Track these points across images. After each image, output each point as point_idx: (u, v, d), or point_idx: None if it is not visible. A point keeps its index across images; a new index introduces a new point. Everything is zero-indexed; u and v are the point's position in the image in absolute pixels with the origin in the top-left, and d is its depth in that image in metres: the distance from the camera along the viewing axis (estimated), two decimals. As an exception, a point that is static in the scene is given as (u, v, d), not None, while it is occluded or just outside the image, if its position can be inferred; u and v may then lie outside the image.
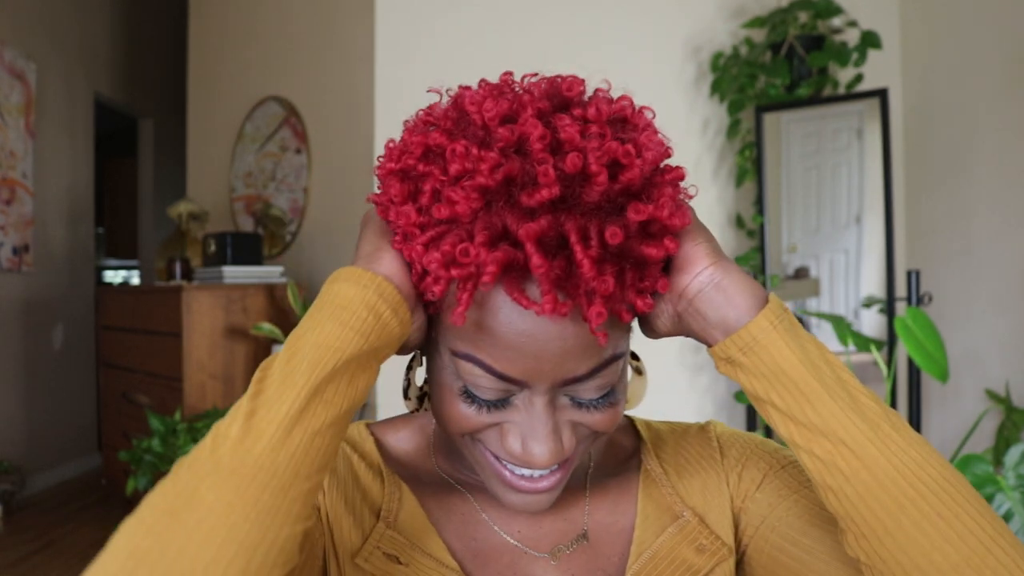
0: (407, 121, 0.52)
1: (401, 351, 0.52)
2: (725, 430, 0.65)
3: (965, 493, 0.43)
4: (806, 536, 0.53)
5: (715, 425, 0.66)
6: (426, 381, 0.57)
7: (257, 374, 0.46)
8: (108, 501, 3.54)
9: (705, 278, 0.48)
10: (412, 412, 0.59)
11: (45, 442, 3.89)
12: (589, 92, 0.50)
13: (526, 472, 0.51)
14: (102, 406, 3.77)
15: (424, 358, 0.56)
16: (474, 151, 0.44)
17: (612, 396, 0.51)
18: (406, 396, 0.58)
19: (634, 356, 0.58)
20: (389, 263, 0.48)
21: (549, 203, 0.43)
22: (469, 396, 0.49)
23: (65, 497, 3.72)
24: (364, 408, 2.54)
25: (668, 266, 0.50)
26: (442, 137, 0.46)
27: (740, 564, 0.59)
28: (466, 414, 0.50)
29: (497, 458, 0.51)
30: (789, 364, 0.46)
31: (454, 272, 0.43)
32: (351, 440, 0.62)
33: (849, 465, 0.44)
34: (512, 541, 0.58)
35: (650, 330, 0.53)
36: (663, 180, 0.47)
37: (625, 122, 0.48)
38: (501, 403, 0.49)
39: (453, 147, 0.45)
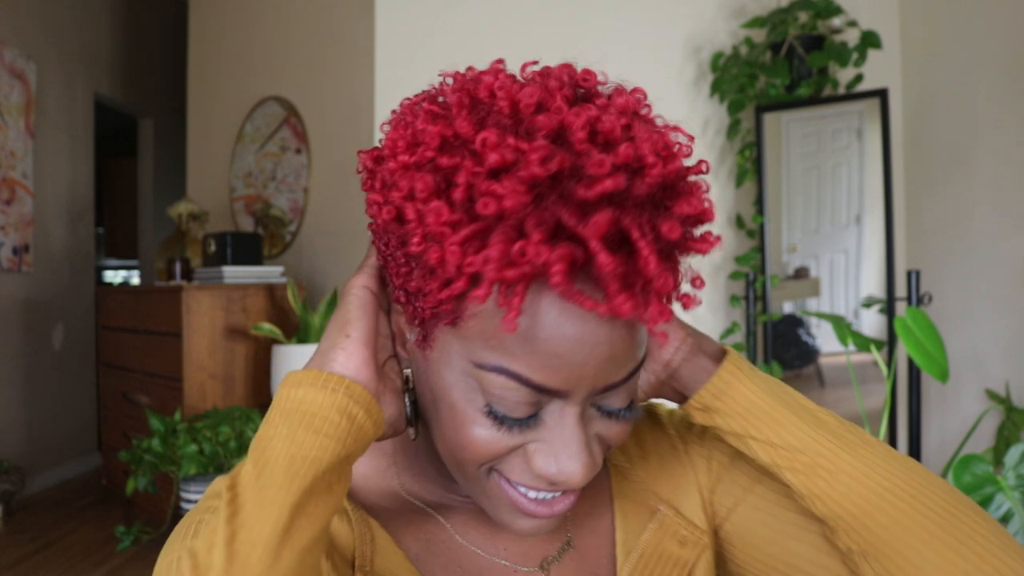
0: (395, 111, 0.48)
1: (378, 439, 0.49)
2: (677, 413, 0.64)
3: (924, 476, 0.50)
4: (782, 507, 0.56)
5: (659, 409, 0.64)
6: (414, 404, 0.52)
7: (225, 493, 0.41)
8: (108, 501, 3.54)
9: (685, 350, 0.53)
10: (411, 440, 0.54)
11: (45, 442, 3.89)
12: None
13: (544, 496, 0.47)
14: (102, 406, 3.77)
15: (410, 374, 0.51)
16: (510, 140, 0.40)
17: (633, 407, 0.48)
18: (408, 423, 0.52)
19: None
20: (347, 360, 0.45)
21: (607, 197, 0.39)
22: (493, 416, 0.44)
23: (65, 497, 3.72)
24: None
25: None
26: (468, 125, 0.42)
27: (718, 541, 0.60)
28: (487, 438, 0.45)
29: (512, 485, 0.47)
30: (759, 398, 0.51)
31: (509, 273, 0.38)
32: None
33: (829, 471, 0.49)
34: (500, 561, 0.55)
35: None
36: (697, 172, 0.45)
37: (639, 116, 0.46)
38: (529, 421, 0.45)
39: (484, 136, 0.40)
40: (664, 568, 0.57)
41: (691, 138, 0.46)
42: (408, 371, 0.51)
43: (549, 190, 0.40)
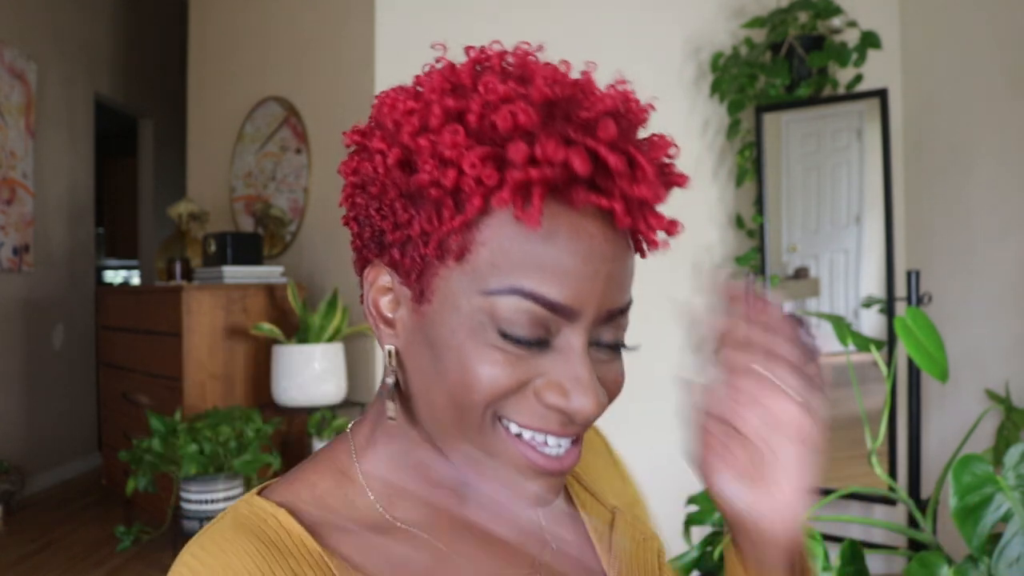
0: (379, 95, 0.50)
1: None
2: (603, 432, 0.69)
3: None
4: None
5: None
6: (397, 385, 0.50)
7: None
8: (108, 501, 3.54)
9: (792, 546, 0.49)
10: (390, 419, 0.51)
11: (45, 442, 3.90)
12: None
13: (551, 450, 0.47)
14: (102, 406, 3.77)
15: (397, 354, 0.50)
16: (511, 83, 0.44)
17: (620, 353, 0.50)
18: (391, 398, 0.50)
19: None
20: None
21: (608, 113, 0.44)
22: (505, 339, 0.44)
23: (65, 497, 3.72)
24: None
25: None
26: (468, 75, 0.46)
27: None
28: (496, 373, 0.44)
29: (520, 439, 0.46)
30: None
31: (532, 173, 0.41)
32: (270, 538, 0.47)
33: None
34: (496, 567, 0.54)
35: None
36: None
37: None
38: (538, 349, 0.45)
39: (486, 80, 0.44)
40: (642, 555, 0.60)
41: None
42: (391, 347, 0.50)
43: (555, 112, 0.44)
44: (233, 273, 2.86)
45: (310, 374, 2.59)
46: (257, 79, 3.39)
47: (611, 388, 0.49)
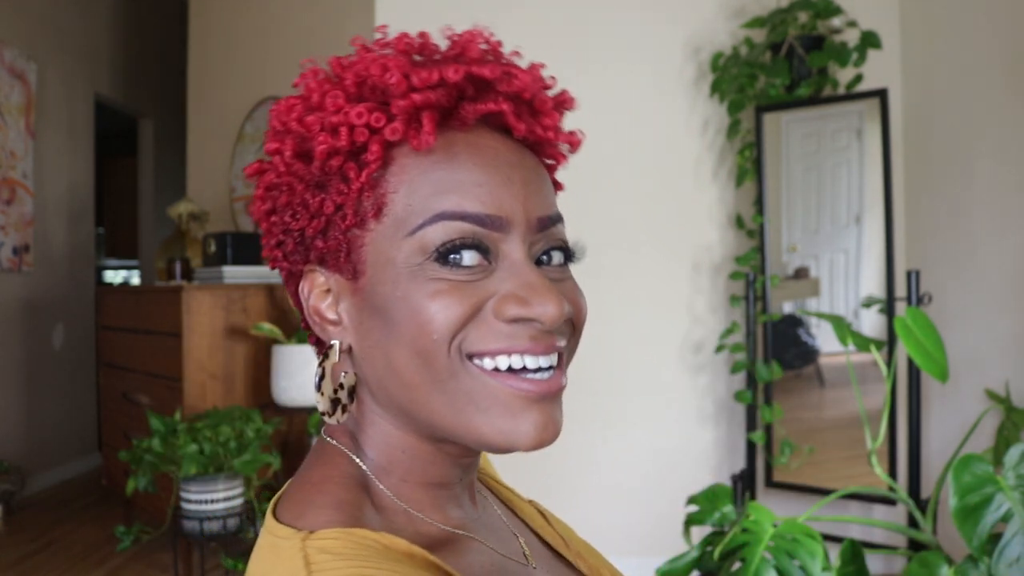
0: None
1: None
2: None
3: None
4: None
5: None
6: (342, 386, 0.48)
7: None
8: (108, 501, 3.54)
9: None
10: (339, 423, 0.49)
11: (45, 442, 3.89)
12: None
13: (533, 373, 0.45)
14: (102, 406, 3.77)
15: (337, 343, 0.49)
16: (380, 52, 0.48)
17: (569, 271, 0.50)
18: (338, 408, 0.48)
19: None
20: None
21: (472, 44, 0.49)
22: (444, 266, 0.44)
23: (65, 497, 3.72)
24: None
25: None
26: (336, 65, 0.48)
27: None
28: (447, 303, 0.43)
29: (497, 372, 0.44)
30: None
31: (415, 97, 0.44)
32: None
33: None
34: (518, 562, 0.52)
35: None
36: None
37: None
38: (480, 272, 0.44)
39: (358, 58, 0.48)
40: (575, 535, 0.63)
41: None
42: (336, 343, 0.48)
43: (423, 59, 0.48)
44: (233, 273, 2.86)
45: (310, 374, 2.59)
46: (257, 79, 3.39)
47: (574, 304, 0.48)
